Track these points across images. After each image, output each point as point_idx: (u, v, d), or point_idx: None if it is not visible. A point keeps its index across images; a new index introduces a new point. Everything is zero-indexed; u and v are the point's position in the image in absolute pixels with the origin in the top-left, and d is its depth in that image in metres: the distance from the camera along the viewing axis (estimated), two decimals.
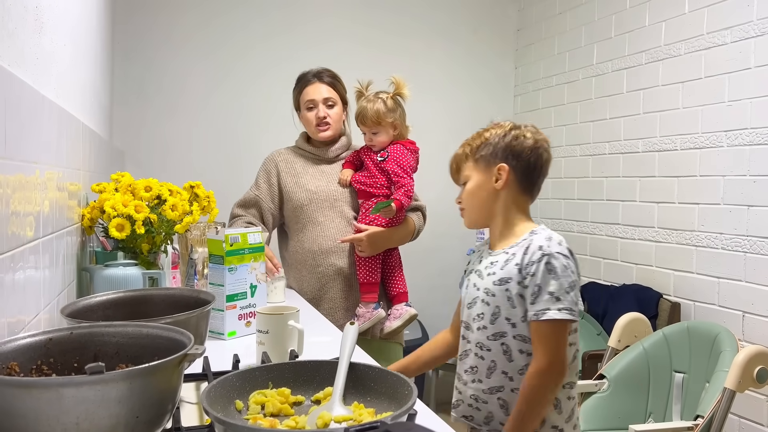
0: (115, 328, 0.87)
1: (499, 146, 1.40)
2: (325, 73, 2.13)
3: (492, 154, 1.40)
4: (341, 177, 2.14)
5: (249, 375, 0.90)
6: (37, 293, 1.14)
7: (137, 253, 1.71)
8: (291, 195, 2.12)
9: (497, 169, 1.38)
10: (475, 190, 1.42)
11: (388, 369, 0.96)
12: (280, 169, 2.17)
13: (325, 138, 2.13)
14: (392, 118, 2.04)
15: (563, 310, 1.27)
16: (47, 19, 1.26)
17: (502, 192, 1.39)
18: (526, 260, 1.32)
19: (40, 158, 1.16)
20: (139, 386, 0.69)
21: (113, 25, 3.10)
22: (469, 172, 1.44)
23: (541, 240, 1.32)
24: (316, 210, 2.09)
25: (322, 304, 2.07)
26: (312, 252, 2.08)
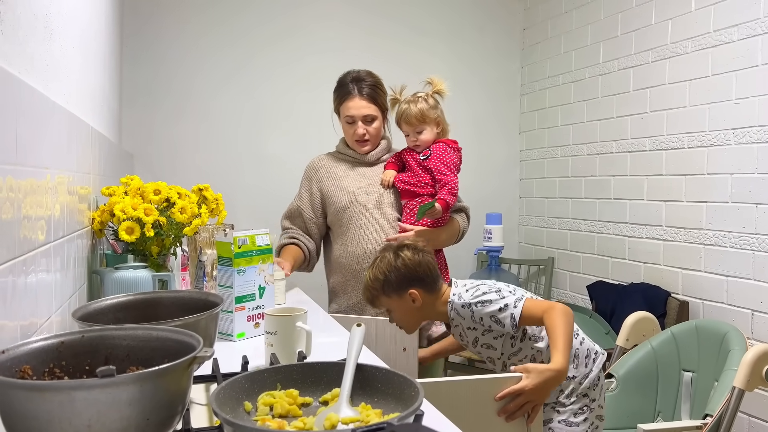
0: (125, 331, 0.88)
1: (397, 280, 1.65)
2: (365, 84, 2.07)
3: (397, 288, 1.66)
4: (384, 178, 2.10)
5: (257, 377, 0.91)
6: (48, 296, 1.16)
7: (147, 255, 1.73)
8: (333, 198, 2.09)
9: (409, 295, 1.65)
10: (403, 315, 1.70)
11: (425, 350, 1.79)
12: (320, 175, 2.15)
13: (365, 152, 2.13)
14: (436, 114, 2.03)
15: (517, 302, 1.59)
16: (57, 25, 1.28)
17: (422, 304, 1.67)
18: (468, 322, 1.64)
19: (51, 163, 1.18)
20: (150, 389, 0.70)
21: (122, 29, 3.12)
22: (387, 304, 1.70)
23: (457, 304, 1.64)
24: (359, 212, 2.06)
25: (367, 311, 2.01)
26: (356, 255, 2.04)
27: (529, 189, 3.88)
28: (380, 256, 1.69)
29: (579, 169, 3.44)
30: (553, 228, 3.65)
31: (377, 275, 1.66)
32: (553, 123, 3.65)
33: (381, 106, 2.09)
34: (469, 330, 1.65)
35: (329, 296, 2.19)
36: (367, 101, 2.05)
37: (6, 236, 0.87)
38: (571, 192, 3.50)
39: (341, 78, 2.12)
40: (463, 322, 1.65)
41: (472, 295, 1.62)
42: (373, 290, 1.68)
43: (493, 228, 3.52)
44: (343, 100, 2.08)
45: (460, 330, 1.68)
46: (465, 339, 1.70)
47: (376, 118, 2.07)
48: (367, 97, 2.05)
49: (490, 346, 1.66)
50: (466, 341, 1.70)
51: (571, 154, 3.50)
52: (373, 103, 2.06)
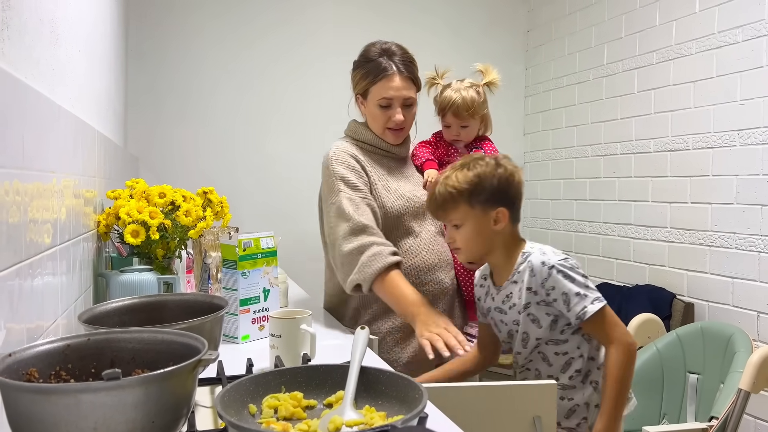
0: (131, 334, 0.89)
1: (494, 190, 1.44)
2: (400, 60, 1.73)
3: (488, 199, 1.43)
4: (428, 178, 1.80)
5: (262, 379, 0.92)
6: (55, 299, 1.17)
7: (152, 258, 1.73)
8: (384, 202, 1.74)
9: (496, 213, 1.44)
10: (475, 234, 1.46)
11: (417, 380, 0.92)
12: (366, 169, 1.77)
13: (397, 143, 1.81)
14: (485, 109, 1.83)
15: (596, 301, 1.37)
16: (62, 30, 1.29)
17: (501, 230, 1.46)
18: (537, 281, 1.40)
19: (57, 167, 1.19)
20: (155, 391, 0.71)
21: (126, 32, 3.14)
22: (462, 216, 1.46)
23: (537, 257, 1.41)
24: (413, 219, 1.77)
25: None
26: (416, 269, 1.74)
27: (533, 191, 3.87)
28: (474, 160, 1.44)
29: (583, 171, 3.44)
30: (558, 230, 3.65)
31: (471, 178, 1.41)
32: (558, 125, 3.65)
33: (419, 87, 1.79)
34: (527, 292, 1.41)
35: (353, 314, 1.80)
36: (408, 81, 1.73)
37: (12, 239, 0.88)
38: (576, 194, 3.50)
39: (367, 51, 1.77)
40: (526, 281, 1.41)
41: (560, 260, 1.40)
42: (456, 194, 1.42)
43: None
44: (379, 78, 1.71)
45: (509, 292, 1.46)
46: (508, 303, 1.47)
47: (414, 102, 1.76)
48: (408, 75, 1.73)
49: (536, 320, 1.43)
50: (508, 305, 1.47)
51: (575, 156, 3.50)
52: (413, 83, 1.75)
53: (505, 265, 1.49)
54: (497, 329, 1.56)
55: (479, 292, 1.61)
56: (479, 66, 1.85)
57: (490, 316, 1.56)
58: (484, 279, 1.59)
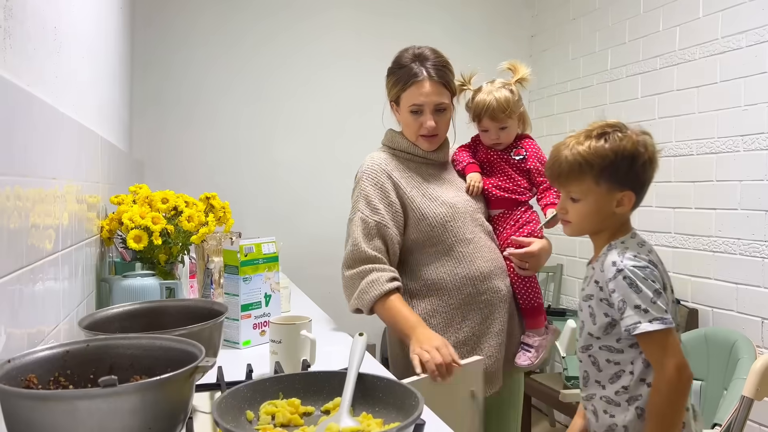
0: (129, 340, 0.89)
1: (627, 171, 1.28)
2: (433, 65, 1.68)
3: (618, 180, 1.28)
4: (471, 183, 1.76)
5: (260, 386, 0.92)
6: (56, 305, 1.17)
7: (155, 263, 1.74)
8: (425, 211, 1.69)
9: (622, 196, 1.29)
10: (592, 212, 1.31)
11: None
12: (397, 183, 1.71)
13: (431, 149, 1.76)
14: (521, 107, 1.76)
15: (654, 321, 1.22)
16: (65, 38, 1.30)
17: (620, 214, 1.32)
18: (603, 278, 1.29)
19: (60, 173, 1.20)
20: (151, 398, 0.71)
21: (132, 37, 3.16)
22: (583, 190, 1.30)
23: (614, 255, 1.28)
24: (462, 226, 1.70)
25: (486, 341, 1.68)
26: (472, 278, 1.67)
27: None
28: (613, 130, 1.29)
29: None
30: (562, 235, 3.63)
31: (606, 151, 1.26)
32: (562, 129, 3.64)
33: (453, 92, 1.72)
34: (593, 284, 1.33)
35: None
36: (440, 86, 1.67)
37: (14, 245, 0.88)
38: None
39: (399, 57, 1.72)
40: (596, 273, 1.32)
41: (633, 265, 1.26)
42: (584, 165, 1.27)
43: None
44: (408, 84, 1.67)
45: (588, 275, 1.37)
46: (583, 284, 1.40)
47: (448, 107, 1.71)
48: (439, 80, 1.67)
49: (593, 315, 1.33)
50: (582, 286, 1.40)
51: None
52: (446, 87, 1.68)
53: (602, 247, 1.36)
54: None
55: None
56: (506, 64, 1.78)
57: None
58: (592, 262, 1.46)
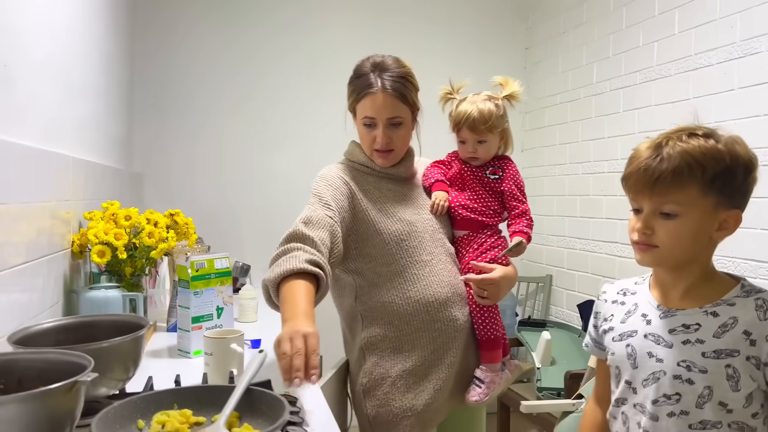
0: (37, 354, 1.00)
1: (741, 184, 1.06)
2: (390, 76, 1.56)
3: (730, 193, 1.05)
4: (436, 201, 1.66)
5: (155, 397, 1.02)
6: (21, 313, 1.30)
7: (122, 276, 1.86)
8: (379, 226, 1.58)
9: (728, 215, 1.06)
10: (690, 234, 1.05)
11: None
12: (354, 191, 1.61)
13: (386, 166, 1.66)
14: (505, 124, 1.67)
15: None
16: (20, 73, 1.42)
17: (714, 239, 1.09)
18: (740, 324, 1.03)
19: (8, 198, 1.32)
20: (29, 409, 0.81)
21: (132, 53, 3.31)
22: (685, 202, 1.04)
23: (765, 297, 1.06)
24: (419, 246, 1.59)
25: (435, 373, 1.56)
26: (425, 303, 1.56)
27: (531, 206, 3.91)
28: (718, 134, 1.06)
29: (574, 188, 3.46)
30: (552, 246, 3.68)
31: (723, 154, 1.03)
32: (552, 142, 3.68)
33: (411, 105, 1.60)
34: (741, 336, 1.04)
35: (359, 355, 1.61)
36: (394, 99, 1.55)
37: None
38: (567, 210, 3.52)
39: (360, 66, 1.62)
40: (747, 321, 1.04)
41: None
42: (694, 167, 1.02)
43: None
44: (362, 95, 1.57)
45: (696, 323, 1.07)
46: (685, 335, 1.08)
47: (404, 122, 1.60)
48: (394, 92, 1.55)
49: (733, 378, 1.04)
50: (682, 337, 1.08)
51: (567, 173, 3.53)
52: (401, 101, 1.57)
53: (700, 288, 1.10)
54: (633, 361, 1.14)
55: (611, 309, 1.23)
56: (498, 79, 1.69)
57: (628, 343, 1.15)
58: (630, 294, 1.22)
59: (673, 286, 1.13)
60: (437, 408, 1.58)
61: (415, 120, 1.65)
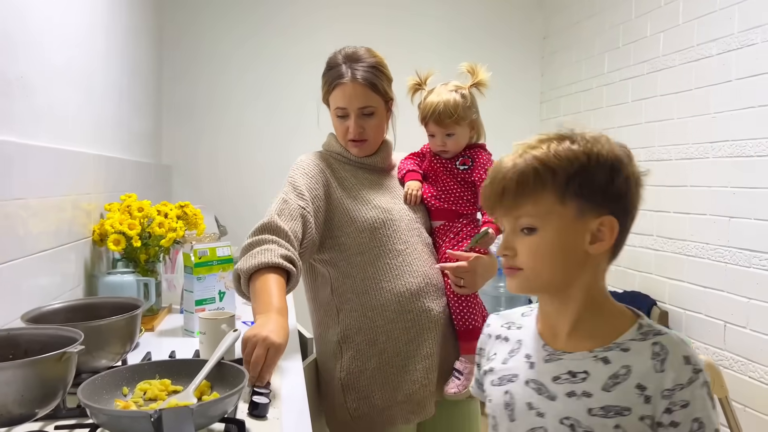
0: (40, 330, 1.17)
1: (607, 186, 0.89)
2: (361, 66, 1.59)
3: (594, 196, 0.89)
4: (409, 191, 1.66)
5: (139, 368, 1.18)
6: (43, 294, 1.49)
7: (137, 262, 2.05)
8: (354, 214, 1.59)
9: (600, 223, 0.89)
10: (556, 249, 0.90)
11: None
12: (329, 180, 1.64)
13: (360, 155, 1.68)
14: (473, 114, 1.63)
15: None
16: (38, 83, 1.60)
17: (593, 256, 0.91)
18: (665, 383, 0.85)
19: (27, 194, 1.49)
20: (21, 374, 0.98)
21: (160, 53, 3.51)
22: (542, 211, 0.90)
23: (679, 347, 0.87)
24: (394, 234, 1.58)
25: (412, 364, 1.55)
26: (397, 294, 1.55)
27: None
28: (584, 134, 0.93)
29: None
30: None
31: (576, 154, 0.89)
32: None
33: (383, 94, 1.62)
34: (635, 390, 0.87)
35: (335, 348, 1.61)
36: (365, 88, 1.58)
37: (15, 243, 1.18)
38: None
39: (332, 57, 1.65)
40: (640, 372, 0.87)
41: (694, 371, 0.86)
42: (543, 172, 0.89)
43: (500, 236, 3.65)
44: (333, 86, 1.61)
45: (584, 370, 0.91)
46: (570, 385, 0.91)
47: (376, 111, 1.61)
48: (365, 82, 1.58)
49: (588, 431, 0.88)
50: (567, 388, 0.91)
51: None
52: (373, 90, 1.59)
53: (586, 321, 0.93)
54: (510, 412, 0.97)
55: (489, 344, 1.08)
56: (465, 66, 1.64)
57: (507, 389, 0.98)
58: (515, 327, 1.05)
59: (558, 319, 0.96)
60: (420, 400, 1.56)
61: (389, 110, 1.67)
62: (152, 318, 1.93)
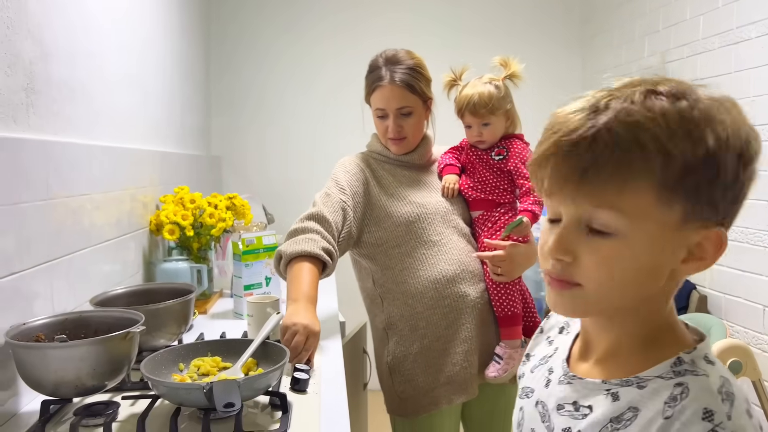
0: (107, 312, 1.32)
1: (731, 185, 0.63)
2: (400, 68, 1.69)
3: (713, 202, 0.63)
4: (446, 185, 1.75)
5: (193, 346, 1.32)
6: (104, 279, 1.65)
7: (191, 250, 2.20)
8: (390, 209, 1.70)
9: (705, 240, 0.65)
10: (639, 266, 0.65)
11: None
12: (368, 178, 1.76)
13: (400, 153, 1.79)
14: (507, 104, 1.70)
15: None
16: (97, 89, 1.75)
17: (676, 274, 0.67)
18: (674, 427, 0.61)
19: (91, 189, 1.65)
20: (93, 350, 1.12)
21: (208, 51, 3.67)
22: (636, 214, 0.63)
23: (709, 396, 0.62)
24: (428, 227, 1.69)
25: (453, 347, 1.64)
26: (434, 281, 1.65)
27: None
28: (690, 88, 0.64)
29: None
30: None
31: (703, 133, 0.61)
32: None
33: (421, 94, 1.71)
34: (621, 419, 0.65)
35: (382, 335, 1.73)
36: (403, 90, 1.68)
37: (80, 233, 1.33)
38: None
39: (373, 60, 1.76)
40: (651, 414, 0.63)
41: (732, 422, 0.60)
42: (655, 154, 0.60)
43: (543, 219, 3.68)
44: (374, 88, 1.71)
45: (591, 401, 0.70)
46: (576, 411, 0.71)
47: (414, 110, 1.71)
48: (402, 84, 1.68)
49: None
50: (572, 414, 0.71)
51: None
52: (410, 91, 1.69)
53: (632, 345, 0.70)
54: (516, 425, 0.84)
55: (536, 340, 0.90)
56: (498, 59, 1.72)
57: (522, 406, 0.83)
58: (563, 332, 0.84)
59: (595, 336, 0.74)
60: (461, 382, 1.64)
61: (428, 109, 1.77)
62: (205, 302, 2.08)
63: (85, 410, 1.14)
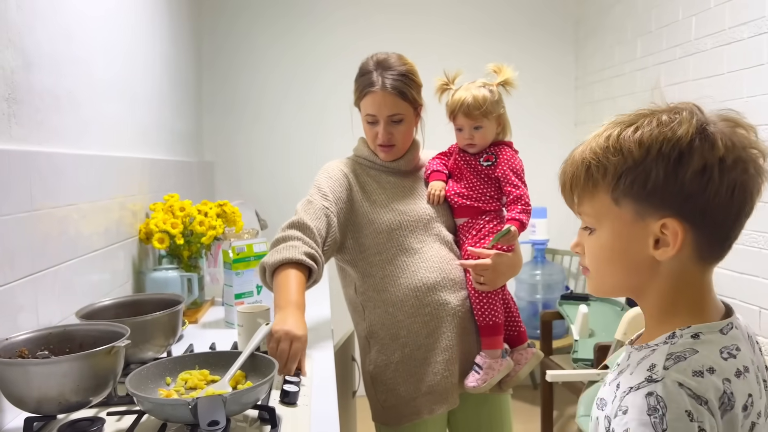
0: (92, 326, 1.29)
1: (668, 179, 0.75)
2: (391, 74, 1.65)
3: (655, 198, 0.76)
4: (432, 191, 1.73)
5: (180, 359, 1.29)
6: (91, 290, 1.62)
7: (181, 258, 2.18)
8: (372, 216, 1.68)
9: (660, 227, 0.77)
10: (614, 252, 0.81)
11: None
12: (352, 184, 1.74)
13: (388, 160, 1.76)
14: (500, 109, 1.68)
15: None
16: (84, 97, 1.72)
17: (667, 261, 0.78)
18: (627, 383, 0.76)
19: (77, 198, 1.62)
20: (76, 366, 1.09)
21: (199, 54, 3.64)
22: (598, 210, 0.81)
23: (659, 358, 0.75)
24: (410, 234, 1.67)
25: (434, 356, 1.62)
26: (414, 288, 1.63)
27: None
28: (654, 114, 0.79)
29: None
30: None
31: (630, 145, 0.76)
32: (602, 116, 3.69)
33: (412, 101, 1.68)
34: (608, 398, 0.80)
35: (364, 343, 1.73)
36: (394, 97, 1.64)
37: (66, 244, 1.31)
38: None
39: (364, 64, 1.72)
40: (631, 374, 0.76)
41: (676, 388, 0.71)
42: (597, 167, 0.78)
43: (537, 222, 3.67)
44: (364, 93, 1.67)
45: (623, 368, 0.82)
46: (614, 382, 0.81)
47: (405, 118, 1.68)
48: (395, 91, 1.64)
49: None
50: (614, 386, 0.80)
51: None
52: (402, 98, 1.65)
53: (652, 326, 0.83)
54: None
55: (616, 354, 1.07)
56: (492, 66, 1.70)
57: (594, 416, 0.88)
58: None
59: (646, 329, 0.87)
60: (442, 392, 1.62)
61: (418, 115, 1.74)
62: (196, 311, 2.06)
63: (70, 427, 1.12)
